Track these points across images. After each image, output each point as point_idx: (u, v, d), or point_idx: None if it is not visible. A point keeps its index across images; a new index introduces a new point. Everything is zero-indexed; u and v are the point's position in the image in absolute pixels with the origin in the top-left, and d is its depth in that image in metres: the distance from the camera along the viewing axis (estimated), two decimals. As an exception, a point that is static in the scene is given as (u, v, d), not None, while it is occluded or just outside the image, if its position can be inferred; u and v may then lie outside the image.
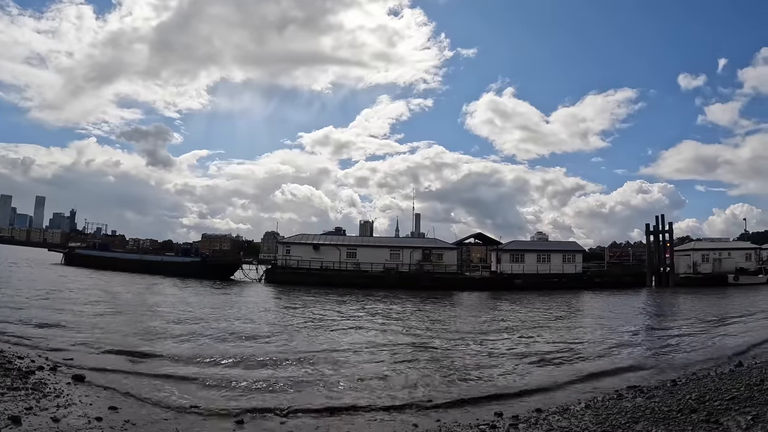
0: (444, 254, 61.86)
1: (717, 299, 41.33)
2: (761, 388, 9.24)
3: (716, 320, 26.82)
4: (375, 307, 32.80)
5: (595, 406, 9.61)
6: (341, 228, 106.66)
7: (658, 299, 45.49)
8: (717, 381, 10.96)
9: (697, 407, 8.35)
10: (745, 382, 10.09)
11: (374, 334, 20.95)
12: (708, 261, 66.62)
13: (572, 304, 39.34)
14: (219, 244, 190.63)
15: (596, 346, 18.94)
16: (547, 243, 73.64)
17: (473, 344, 18.90)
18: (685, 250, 71.18)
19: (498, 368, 14.67)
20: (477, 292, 51.18)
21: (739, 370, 12.82)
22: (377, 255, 59.94)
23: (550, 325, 25.32)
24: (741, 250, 71.31)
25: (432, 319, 27.53)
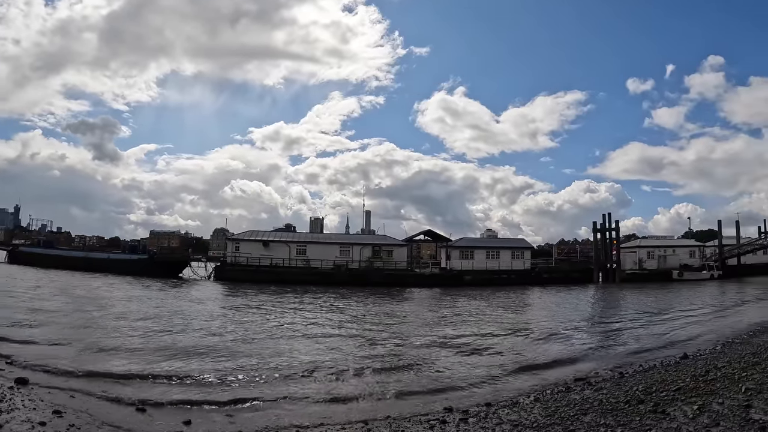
0: (394, 251, 62.44)
1: (662, 294, 42.92)
2: (706, 379, 9.57)
3: (661, 314, 27.78)
4: (324, 304, 32.59)
5: (544, 399, 9.74)
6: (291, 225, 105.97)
7: (605, 294, 46.97)
8: (663, 372, 11.32)
9: (645, 398, 8.58)
10: (690, 373, 10.46)
11: (323, 331, 20.72)
12: (653, 258, 69.56)
13: (521, 300, 40.14)
14: (167, 241, 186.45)
15: (545, 340, 19.22)
16: (497, 240, 75.15)
17: (423, 340, 18.88)
18: (631, 247, 74.02)
19: (448, 363, 14.70)
20: (427, 289, 51.45)
21: (685, 362, 13.24)
22: (327, 252, 59.91)
23: (500, 321, 25.56)
24: (685, 247, 74.72)
25: (382, 315, 27.58)
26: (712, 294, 42.78)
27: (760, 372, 9.51)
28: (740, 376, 9.38)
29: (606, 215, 71.00)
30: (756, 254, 71.56)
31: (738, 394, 8.09)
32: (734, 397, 7.98)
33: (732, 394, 8.19)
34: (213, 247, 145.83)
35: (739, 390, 8.33)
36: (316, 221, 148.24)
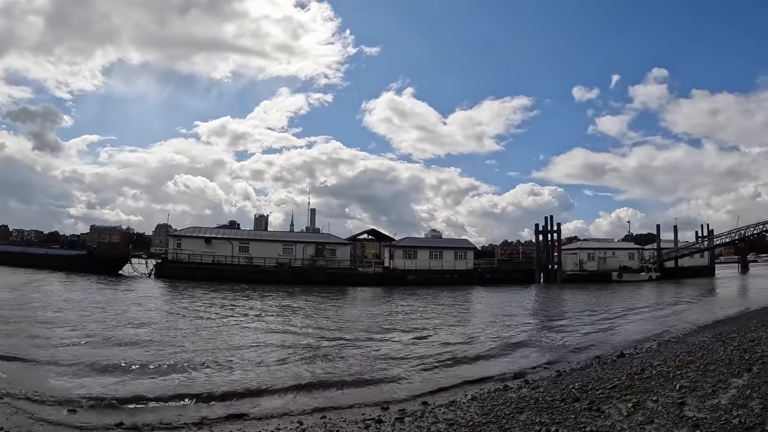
0: (337, 249, 62.61)
1: (601, 295, 44.29)
2: (641, 377, 9.74)
3: (600, 314, 28.59)
4: (265, 303, 32.15)
5: (481, 397, 9.72)
6: (235, 222, 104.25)
7: (546, 295, 48.10)
8: (599, 371, 11.49)
9: (580, 396, 8.66)
10: (626, 371, 10.61)
11: (263, 330, 20.37)
12: (593, 259, 72.04)
13: (463, 300, 40.45)
14: (108, 236, 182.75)
15: (484, 338, 19.40)
16: (440, 240, 75.88)
17: (363, 338, 18.79)
18: (572, 248, 76.51)
19: (387, 362, 14.62)
20: (370, 288, 51.57)
21: (621, 360, 13.52)
22: (270, 249, 59.42)
23: (441, 320, 25.68)
24: (625, 250, 77.92)
25: (323, 314, 27.33)
26: (649, 295, 44.63)
27: (695, 370, 9.73)
28: (675, 375, 9.58)
29: (548, 218, 73.36)
30: (693, 257, 75.33)
31: (672, 392, 8.22)
32: (669, 394, 8.11)
33: (666, 391, 8.32)
34: (155, 244, 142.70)
35: (673, 388, 8.47)
36: (261, 218, 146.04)
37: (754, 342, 12.19)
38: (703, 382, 8.65)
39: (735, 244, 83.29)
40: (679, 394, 8.00)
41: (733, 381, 8.43)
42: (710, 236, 78.82)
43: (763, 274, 78.26)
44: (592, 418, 7.30)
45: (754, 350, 10.87)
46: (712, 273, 76.49)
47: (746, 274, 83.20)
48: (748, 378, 8.49)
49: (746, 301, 36.06)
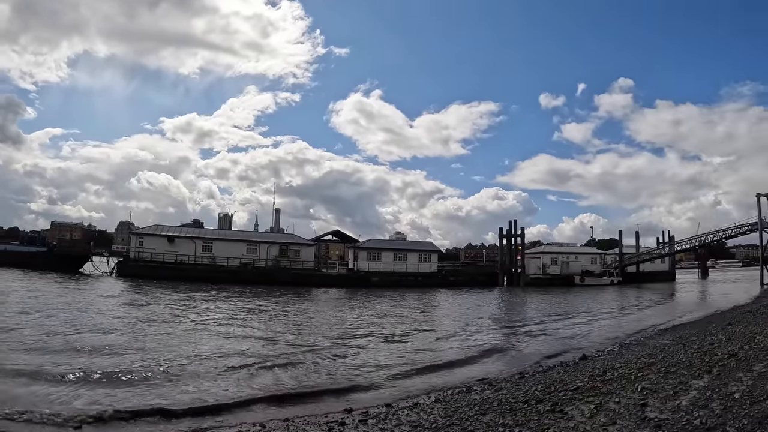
0: (301, 250, 62.53)
1: (564, 298, 45.10)
2: (603, 379, 9.86)
3: (563, 317, 29.07)
4: (228, 303, 31.69)
5: (444, 399, 9.78)
6: (199, 220, 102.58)
7: (509, 297, 48.69)
8: (562, 373, 11.64)
9: (543, 398, 8.73)
10: (588, 373, 10.76)
11: (226, 334, 19.86)
12: (557, 263, 73.86)
13: (427, 302, 40.64)
14: (69, 233, 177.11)
15: (448, 341, 19.50)
16: (405, 242, 76.16)
17: (326, 340, 18.71)
18: (535, 252, 77.76)
19: (351, 364, 14.61)
20: (334, 289, 51.49)
21: (584, 362, 13.73)
22: (234, 249, 58.98)
23: (405, 322, 25.70)
24: (587, 254, 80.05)
25: (287, 317, 26.94)
26: (611, 298, 45.53)
27: (656, 372, 9.84)
28: (636, 376, 9.68)
29: (512, 222, 75.04)
30: (654, 262, 77.65)
31: (634, 394, 8.31)
32: (630, 396, 8.20)
33: (628, 393, 8.41)
34: (117, 241, 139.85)
35: (635, 389, 8.56)
36: (225, 218, 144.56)
37: (714, 345, 12.43)
38: (664, 383, 8.76)
39: (695, 250, 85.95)
40: (641, 396, 8.08)
41: (693, 383, 8.54)
42: (671, 242, 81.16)
43: (722, 279, 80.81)
44: (555, 420, 7.36)
45: (714, 353, 11.07)
46: (672, 278, 78.97)
47: (706, 279, 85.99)
48: (708, 380, 8.62)
49: (706, 305, 36.87)
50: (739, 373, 8.67)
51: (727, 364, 9.60)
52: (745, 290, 47.52)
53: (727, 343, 12.29)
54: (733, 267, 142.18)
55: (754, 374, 8.39)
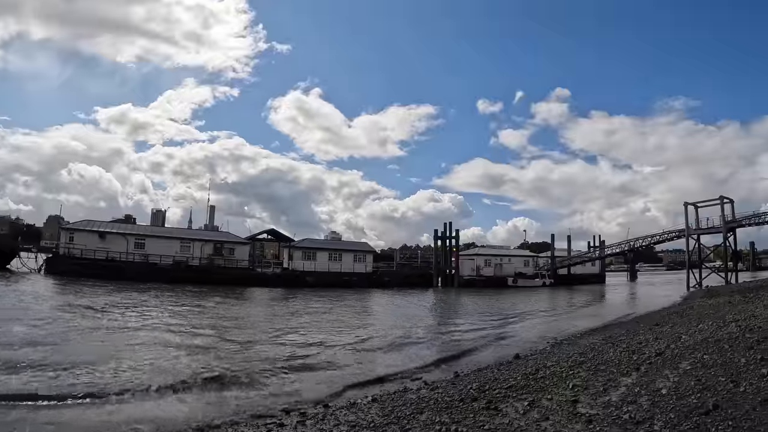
0: (236, 249, 61.89)
1: (497, 299, 46.17)
2: (536, 377, 10.20)
3: (496, 318, 29.74)
4: (159, 304, 30.73)
5: (381, 399, 9.85)
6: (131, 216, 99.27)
7: (444, 298, 49.43)
8: (497, 372, 11.94)
9: (478, 396, 8.95)
10: (522, 371, 11.09)
11: (156, 332, 19.45)
12: (490, 265, 75.50)
13: (363, 303, 40.73)
14: None
15: (383, 341, 19.64)
16: (340, 243, 76.03)
17: (261, 340, 18.62)
18: (469, 254, 79.39)
19: (287, 365, 14.46)
20: (268, 289, 51.02)
21: (517, 361, 14.11)
22: (167, 247, 57.55)
23: (341, 323, 25.75)
24: (520, 257, 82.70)
25: (221, 315, 26.61)
26: (543, 300, 46.78)
27: (586, 370, 10.21)
28: (568, 374, 10.04)
29: (447, 224, 76.53)
30: (585, 265, 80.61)
31: (566, 391, 8.63)
32: (562, 393, 8.51)
33: (560, 390, 8.73)
34: (46, 237, 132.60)
35: (566, 387, 8.90)
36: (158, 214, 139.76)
37: (642, 344, 12.97)
38: (594, 381, 9.14)
39: (625, 254, 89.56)
40: (572, 393, 8.41)
41: (622, 380, 8.92)
42: (602, 246, 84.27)
43: (650, 282, 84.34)
44: (491, 417, 7.56)
45: (642, 351, 11.56)
46: (602, 280, 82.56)
47: (635, 281, 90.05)
48: (636, 377, 9.00)
49: (634, 306, 38.46)
50: (666, 370, 9.09)
51: (654, 362, 10.05)
52: (672, 292, 49.67)
53: (654, 342, 12.85)
54: (657, 270, 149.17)
55: (680, 371, 8.82)
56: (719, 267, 60.95)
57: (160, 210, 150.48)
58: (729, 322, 14.30)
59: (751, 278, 55.76)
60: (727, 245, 58.16)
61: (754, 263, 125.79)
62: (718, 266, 61.75)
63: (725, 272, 56.81)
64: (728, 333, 11.99)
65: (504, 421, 7.22)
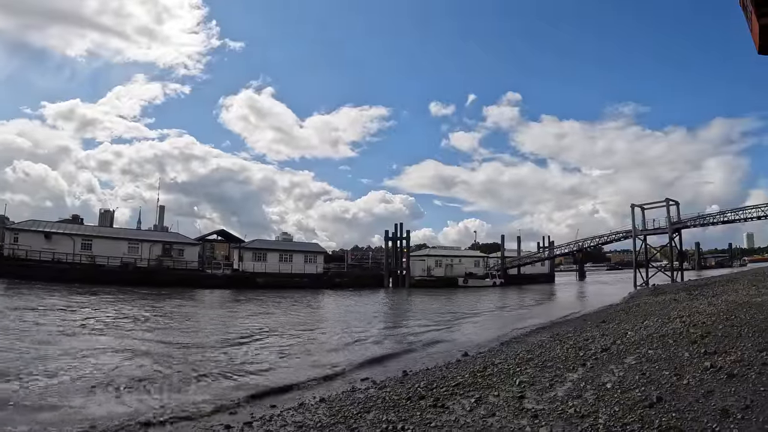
0: (185, 250, 61.22)
1: (447, 299, 46.65)
2: (484, 374, 10.33)
3: (446, 317, 30.03)
4: (108, 307, 29.89)
5: (329, 399, 9.88)
6: (78, 216, 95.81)
7: (394, 298, 49.83)
8: (444, 370, 12.08)
9: (426, 394, 9.02)
10: (469, 369, 11.22)
11: (103, 336, 18.99)
12: (441, 266, 76.55)
13: (313, 304, 40.78)
14: None
15: (334, 341, 19.83)
16: (291, 243, 75.75)
17: (207, 343, 18.41)
18: (420, 255, 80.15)
19: (236, 367, 14.39)
20: (219, 290, 50.70)
21: (465, 359, 14.37)
22: (115, 248, 56.32)
23: (291, 323, 25.66)
24: (471, 257, 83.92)
25: (169, 321, 25.83)
26: (493, 299, 47.58)
27: (533, 367, 10.35)
28: (515, 371, 10.19)
29: (398, 225, 77.29)
30: (534, 265, 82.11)
31: (513, 387, 8.76)
32: (509, 389, 8.63)
33: (507, 387, 8.86)
34: None
35: (513, 383, 9.04)
36: (106, 214, 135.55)
37: (588, 341, 13.24)
38: (541, 377, 9.29)
39: (573, 255, 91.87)
40: (519, 389, 8.54)
41: (568, 375, 9.08)
42: (551, 247, 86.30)
43: (599, 281, 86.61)
44: (437, 414, 7.63)
45: (588, 348, 11.80)
46: (551, 280, 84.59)
47: (583, 280, 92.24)
48: (582, 372, 9.17)
49: (582, 304, 39.39)
50: (612, 365, 9.30)
51: (600, 358, 10.27)
52: (620, 291, 50.98)
53: (600, 339, 13.15)
54: (599, 270, 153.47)
55: (625, 366, 9.03)
56: (665, 266, 63.09)
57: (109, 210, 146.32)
58: (674, 318, 14.77)
59: (696, 277, 57.72)
60: (672, 245, 60.31)
61: (699, 263, 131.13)
62: (665, 265, 63.89)
63: (671, 271, 58.88)
64: (673, 329, 12.37)
65: (450, 418, 7.29)
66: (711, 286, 27.49)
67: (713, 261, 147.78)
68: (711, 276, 48.76)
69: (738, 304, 14.85)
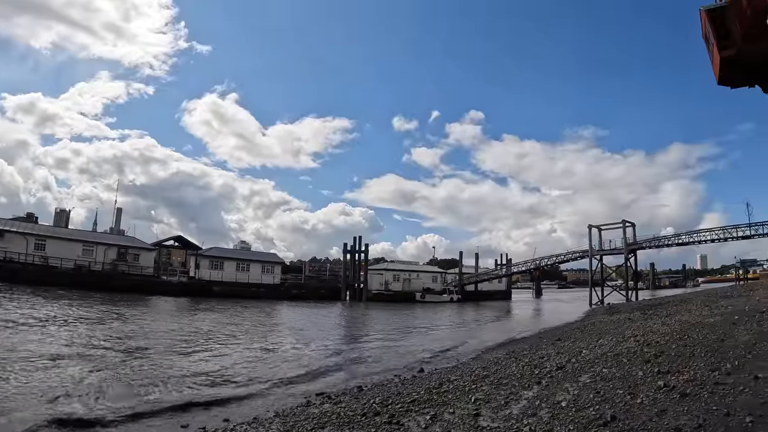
0: (141, 255, 60.26)
1: (405, 314, 46.68)
2: (439, 391, 10.33)
3: (403, 332, 30.05)
4: (59, 311, 29.04)
5: (284, 413, 9.85)
6: (33, 214, 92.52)
7: (351, 312, 49.70)
8: (400, 386, 12.12)
9: (381, 410, 9.02)
10: (425, 386, 11.26)
11: (54, 342, 18.41)
12: (398, 280, 76.93)
13: (270, 315, 40.45)
14: None
15: (290, 354, 19.66)
16: (249, 252, 75.00)
17: (161, 354, 17.89)
18: (378, 269, 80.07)
19: (190, 380, 14.06)
20: (174, 298, 49.70)
21: (421, 375, 14.43)
22: (69, 249, 54.83)
23: (247, 335, 25.30)
24: (429, 272, 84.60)
25: (121, 326, 25.27)
26: (450, 315, 47.85)
27: (489, 384, 10.38)
28: (471, 388, 10.21)
29: (357, 238, 77.01)
30: (491, 282, 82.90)
31: (468, 404, 8.77)
32: (465, 407, 8.63)
33: (463, 404, 8.86)
34: None
35: (469, 400, 9.04)
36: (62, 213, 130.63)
37: (544, 358, 13.36)
38: (496, 394, 9.31)
39: (530, 272, 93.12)
40: (474, 406, 8.55)
41: (524, 393, 9.12)
42: (508, 264, 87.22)
43: (555, 299, 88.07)
44: (392, 431, 7.63)
45: (543, 365, 11.90)
46: (508, 297, 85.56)
47: (540, 298, 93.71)
48: (537, 390, 9.22)
49: (538, 322, 39.92)
50: (567, 383, 9.37)
51: (555, 376, 10.35)
52: (575, 309, 51.83)
53: (556, 357, 13.28)
54: (549, 288, 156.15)
55: (580, 384, 9.10)
56: (621, 285, 64.49)
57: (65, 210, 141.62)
58: (628, 337, 15.02)
59: (650, 296, 59.09)
60: (628, 265, 61.79)
61: (653, 282, 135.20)
62: (620, 285, 65.29)
63: (626, 290, 60.16)
64: (627, 348, 12.56)
65: (405, 435, 7.26)
66: (665, 306, 28.09)
67: (667, 281, 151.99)
68: (665, 296, 50.02)
69: (691, 324, 15.17)
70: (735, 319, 14.14)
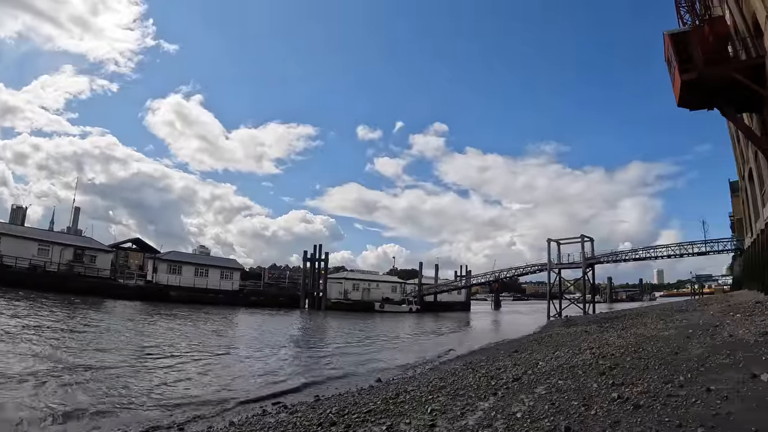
0: (98, 257, 59.27)
1: (363, 323, 46.83)
2: (396, 401, 10.31)
3: (361, 342, 30.11)
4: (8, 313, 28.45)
5: (239, 423, 9.85)
6: None
7: (310, 320, 49.74)
8: (357, 396, 12.12)
9: (337, 420, 8.99)
10: (382, 396, 11.24)
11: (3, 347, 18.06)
12: (358, 290, 77.12)
13: (227, 321, 40.32)
14: None
15: (246, 363, 19.65)
16: (208, 257, 74.58)
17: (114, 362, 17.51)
18: (338, 278, 79.82)
19: (145, 387, 13.93)
20: (130, 302, 49.08)
21: (378, 385, 14.50)
22: (24, 248, 53.56)
23: (203, 342, 25.08)
24: (388, 282, 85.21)
25: (72, 333, 24.45)
26: (409, 326, 48.10)
27: (445, 395, 10.38)
28: (427, 399, 10.20)
29: (317, 246, 77.00)
30: (451, 293, 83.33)
31: (424, 415, 8.76)
32: (421, 417, 8.63)
33: (419, 414, 8.86)
34: None
35: (425, 411, 9.03)
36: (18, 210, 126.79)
37: (501, 369, 13.45)
38: (453, 405, 9.31)
39: (490, 284, 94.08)
40: (431, 417, 8.54)
41: (480, 404, 9.14)
42: (468, 276, 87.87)
43: (514, 311, 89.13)
44: None
45: (500, 377, 11.97)
46: (468, 308, 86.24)
47: (498, 309, 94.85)
48: (494, 401, 9.25)
49: (496, 333, 40.31)
50: (522, 395, 9.43)
51: (511, 387, 10.41)
52: (533, 321, 52.51)
53: (512, 368, 13.36)
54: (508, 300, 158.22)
55: (535, 396, 9.17)
56: (578, 298, 65.60)
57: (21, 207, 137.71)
58: (584, 349, 15.21)
59: (607, 310, 60.39)
60: (586, 279, 63.03)
61: (611, 296, 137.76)
62: (577, 298, 66.43)
63: (583, 303, 61.23)
64: (583, 360, 12.72)
65: (360, 446, 7.21)
66: (621, 319, 28.56)
67: (624, 295, 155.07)
68: (622, 309, 50.91)
69: (646, 337, 15.44)
70: (689, 332, 14.45)
